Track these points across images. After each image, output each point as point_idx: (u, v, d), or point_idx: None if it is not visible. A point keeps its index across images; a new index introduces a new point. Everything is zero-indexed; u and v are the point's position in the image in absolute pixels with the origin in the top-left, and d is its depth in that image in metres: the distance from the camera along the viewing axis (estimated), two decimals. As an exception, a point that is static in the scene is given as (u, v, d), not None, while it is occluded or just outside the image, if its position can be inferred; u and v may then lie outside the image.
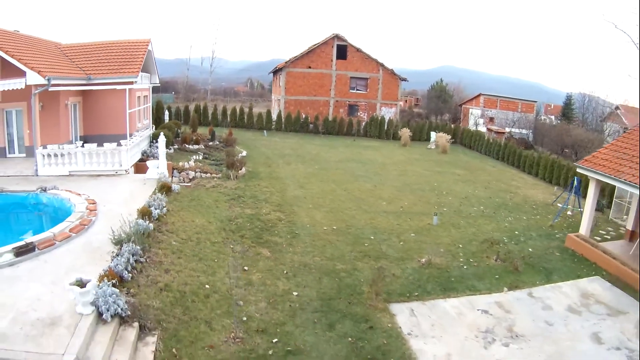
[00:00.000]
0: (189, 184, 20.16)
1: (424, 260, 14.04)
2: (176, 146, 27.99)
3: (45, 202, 13.95)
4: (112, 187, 15.94)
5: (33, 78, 15.87)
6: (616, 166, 15.76)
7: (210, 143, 31.38)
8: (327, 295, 11.66)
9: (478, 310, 11.48)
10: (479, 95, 59.23)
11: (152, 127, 29.38)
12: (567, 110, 70.93)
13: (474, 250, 15.55)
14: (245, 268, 12.39)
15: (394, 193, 22.59)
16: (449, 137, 37.78)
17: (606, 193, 23.13)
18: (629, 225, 17.82)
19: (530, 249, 16.20)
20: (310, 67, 44.09)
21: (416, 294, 12.23)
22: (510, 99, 60.74)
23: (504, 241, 16.76)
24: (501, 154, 37.59)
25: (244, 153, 29.49)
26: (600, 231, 19.20)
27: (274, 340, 9.32)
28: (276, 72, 45.10)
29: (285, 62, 44.11)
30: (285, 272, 12.66)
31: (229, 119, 41.67)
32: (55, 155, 16.90)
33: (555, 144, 50.70)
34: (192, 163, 23.93)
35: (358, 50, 44.41)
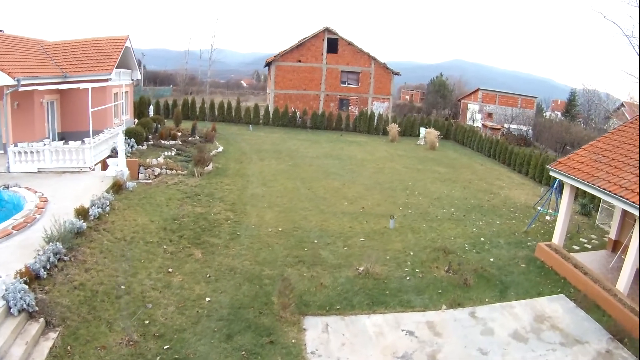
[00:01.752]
0: (150, 181, 19.22)
1: (361, 268, 12.15)
2: (151, 142, 26.47)
3: (6, 199, 14.12)
4: (71, 184, 16.00)
5: (2, 79, 16.21)
6: (591, 170, 13.64)
7: (190, 138, 29.79)
8: (240, 303, 10.59)
9: (403, 330, 9.61)
10: (477, 90, 56.57)
11: (135, 122, 28.36)
12: (570, 107, 67.78)
13: (424, 258, 13.60)
14: (170, 270, 11.54)
15: (361, 192, 20.66)
16: (438, 133, 35.48)
17: (595, 196, 20.92)
18: (612, 234, 15.69)
19: (492, 259, 14.18)
20: (300, 61, 42.12)
21: (338, 307, 10.47)
22: (509, 94, 57.95)
23: (465, 249, 14.75)
24: (492, 151, 35.26)
25: (220, 149, 27.83)
26: (581, 239, 17.11)
27: (166, 347, 8.73)
28: (269, 65, 43.33)
29: (275, 56, 42.21)
30: (208, 275, 11.69)
31: (216, 112, 40.04)
32: (25, 152, 17.12)
33: (554, 141, 48.06)
34: (160, 160, 22.41)
35: (349, 43, 42.26)
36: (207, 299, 10.52)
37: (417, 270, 12.76)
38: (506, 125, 52.94)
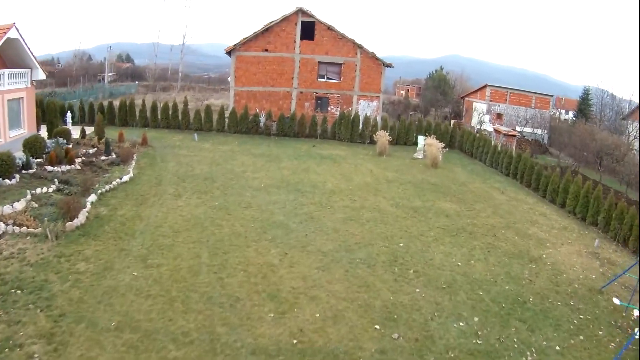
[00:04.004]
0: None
1: None
2: (33, 170, 17.30)
3: None
4: None
5: None
6: None
7: (104, 158, 20.52)
8: None
9: None
10: (484, 87, 46.86)
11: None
12: (583, 106, 58.30)
13: None
14: None
15: (310, 276, 11.36)
16: (442, 145, 25.90)
17: None
18: None
19: None
20: (267, 50, 32.47)
21: None
22: (522, 91, 48.26)
23: None
24: (513, 169, 25.87)
25: (127, 176, 18.49)
26: None
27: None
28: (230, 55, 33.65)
29: (235, 44, 32.55)
30: None
31: (159, 116, 30.56)
32: None
33: (575, 148, 38.66)
34: (18, 205, 13.45)
35: (329, 28, 32.57)
36: None
37: None
38: (518, 129, 43.49)
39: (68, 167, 18.44)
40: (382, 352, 8.58)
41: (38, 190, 15.20)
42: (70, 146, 20.96)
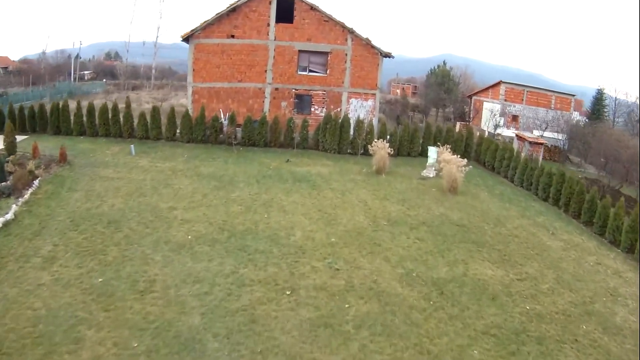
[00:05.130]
0: None
1: None
2: None
3: None
4: None
5: None
6: None
7: None
8: None
9: None
10: (498, 84, 39.51)
11: None
12: (598, 107, 51.56)
13: None
14: None
15: None
16: (463, 161, 18.30)
17: None
18: None
19: None
20: (233, 36, 24.92)
21: None
22: (541, 90, 41.01)
23: None
24: (553, 191, 18.76)
25: (1, 220, 11.05)
26: None
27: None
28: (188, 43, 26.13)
29: (193, 30, 24.98)
30: None
31: (97, 122, 23.12)
32: None
33: (602, 157, 31.74)
34: None
35: (313, 8, 25.05)
36: None
37: None
38: (536, 133, 36.37)
39: None
40: None
41: None
42: None
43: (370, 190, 16.84)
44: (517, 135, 30.01)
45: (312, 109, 25.84)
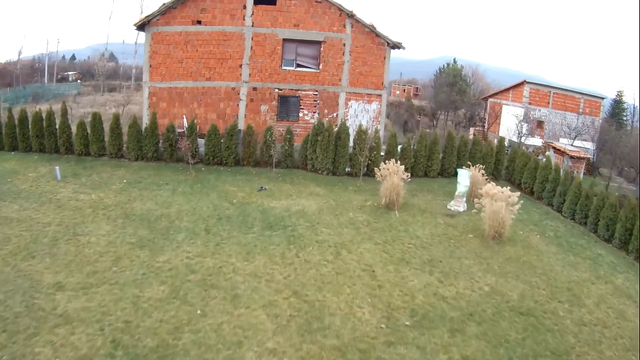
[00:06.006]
0: None
1: None
2: None
3: None
4: None
5: None
6: None
7: None
8: None
9: None
10: (521, 84, 33.54)
11: None
12: (618, 110, 45.90)
13: None
14: None
15: None
16: (514, 196, 12.27)
17: None
18: None
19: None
20: (200, 22, 19.06)
21: None
22: (568, 91, 35.05)
23: None
24: (621, 232, 12.98)
25: None
26: None
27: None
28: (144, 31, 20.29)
29: (149, 16, 19.13)
30: None
31: (31, 133, 17.36)
32: None
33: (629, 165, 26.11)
34: None
35: (302, -16, 19.26)
36: None
37: None
38: (562, 141, 30.61)
39: None
40: None
41: None
42: None
43: (379, 244, 10.99)
44: (554, 147, 24.04)
45: (301, 115, 19.97)
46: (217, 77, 19.60)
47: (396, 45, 19.98)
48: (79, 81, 49.64)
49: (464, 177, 14.32)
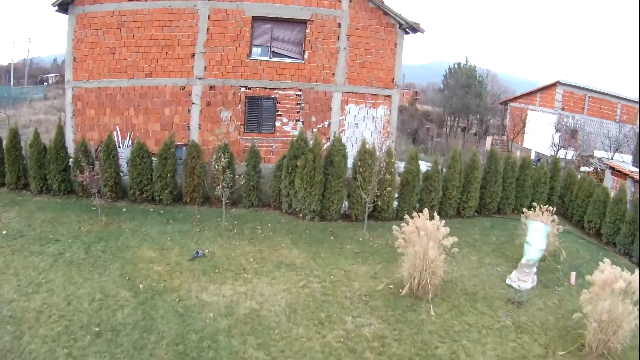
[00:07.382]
0: None
1: None
2: None
3: None
4: None
5: None
6: None
7: None
8: None
9: None
10: (554, 85, 27.55)
11: None
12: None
13: None
14: None
15: None
16: (630, 275, 6.43)
17: None
18: None
19: None
20: (137, -8, 13.22)
21: None
22: (603, 94, 29.11)
23: None
24: None
25: None
26: None
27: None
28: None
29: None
30: None
31: None
32: None
33: None
34: None
35: (280, -58, 13.40)
36: None
37: None
38: (598, 154, 24.90)
39: None
40: None
41: None
42: None
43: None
44: (613, 169, 17.93)
45: (278, 124, 14.01)
46: (161, 72, 13.66)
47: (412, 28, 13.99)
48: (45, 84, 44.00)
49: (539, 234, 8.31)
